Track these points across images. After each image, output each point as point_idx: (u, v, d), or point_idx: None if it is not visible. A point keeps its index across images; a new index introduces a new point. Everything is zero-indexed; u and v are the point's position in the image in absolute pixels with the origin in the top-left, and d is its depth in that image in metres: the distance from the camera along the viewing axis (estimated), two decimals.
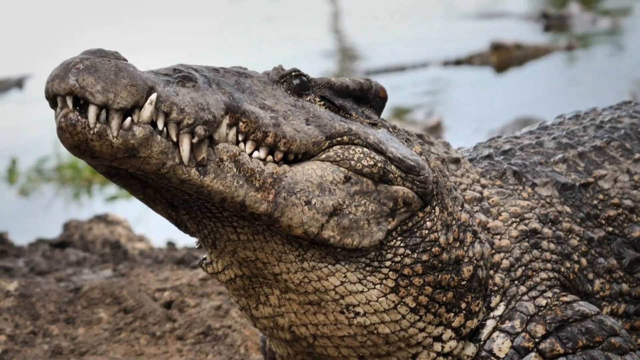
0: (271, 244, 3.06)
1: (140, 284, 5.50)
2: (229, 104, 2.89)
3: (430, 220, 3.21)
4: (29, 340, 4.82)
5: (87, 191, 10.96)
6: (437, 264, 3.19)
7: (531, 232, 3.45)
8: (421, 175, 3.19)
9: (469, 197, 3.43)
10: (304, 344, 3.30)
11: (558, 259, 3.46)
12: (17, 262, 6.24)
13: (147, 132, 2.70)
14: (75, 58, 2.68)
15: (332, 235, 3.03)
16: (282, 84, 3.18)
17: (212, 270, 3.28)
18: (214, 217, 3.02)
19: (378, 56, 16.90)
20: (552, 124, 4.07)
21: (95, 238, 6.91)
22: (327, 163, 3.07)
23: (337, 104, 3.24)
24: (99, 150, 2.66)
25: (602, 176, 3.71)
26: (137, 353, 4.75)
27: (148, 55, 9.35)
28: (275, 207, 2.93)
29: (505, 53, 15.81)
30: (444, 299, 3.22)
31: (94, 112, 2.64)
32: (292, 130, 3.01)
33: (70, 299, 5.20)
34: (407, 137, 3.38)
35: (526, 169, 3.65)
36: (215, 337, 4.80)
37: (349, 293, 3.14)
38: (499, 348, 3.28)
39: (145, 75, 2.72)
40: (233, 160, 2.87)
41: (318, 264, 3.09)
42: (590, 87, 13.26)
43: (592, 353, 3.24)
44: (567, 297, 3.37)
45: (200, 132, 2.78)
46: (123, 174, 2.91)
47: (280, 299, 3.20)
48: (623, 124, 3.96)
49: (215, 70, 3.03)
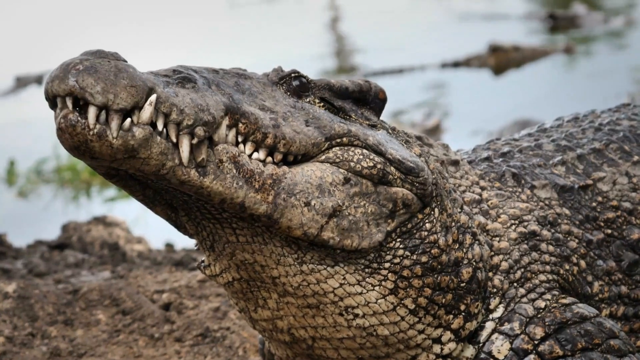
0: (270, 246, 3.05)
1: (138, 285, 5.50)
2: (229, 105, 2.89)
3: (429, 221, 3.21)
4: (28, 342, 4.81)
5: (86, 193, 10.95)
6: (436, 266, 3.19)
7: (530, 234, 3.45)
8: (420, 177, 3.19)
9: (468, 199, 3.43)
10: (303, 346, 3.29)
11: (557, 261, 3.45)
12: (15, 264, 6.24)
13: (147, 133, 2.69)
14: (75, 59, 2.68)
15: (332, 236, 3.02)
16: (282, 85, 3.18)
17: (211, 273, 3.28)
18: (213, 218, 3.02)
19: (376, 58, 16.90)
20: (551, 126, 4.08)
21: (93, 240, 6.91)
22: (327, 164, 3.06)
23: (336, 106, 3.23)
24: (99, 151, 2.66)
25: (601, 178, 3.71)
26: (136, 355, 4.75)
27: (146, 56, 9.35)
28: (275, 208, 2.93)
29: (503, 55, 15.81)
30: (443, 301, 3.21)
31: (93, 113, 2.64)
32: (292, 132, 3.00)
33: (68, 300, 5.19)
34: (406, 139, 3.38)
35: (525, 171, 3.65)
36: (214, 338, 4.80)
37: (348, 295, 3.13)
38: (498, 350, 3.28)
39: (145, 76, 2.72)
40: (233, 161, 2.86)
41: (317, 266, 3.09)
42: (588, 89, 13.26)
43: (591, 355, 3.24)
44: (566, 299, 3.37)
45: (199, 133, 2.78)
46: (122, 175, 2.91)
47: (278, 303, 3.19)
48: (622, 127, 3.97)
49: (215, 72, 3.02)
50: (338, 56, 18.59)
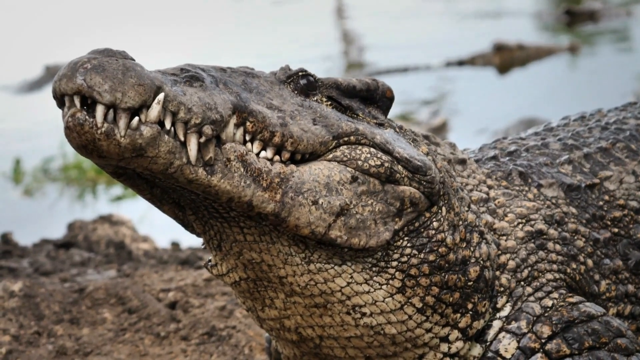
0: (277, 245, 3.05)
1: (144, 284, 5.50)
2: (236, 103, 2.88)
3: (437, 220, 3.20)
4: (34, 341, 4.82)
5: (92, 191, 10.95)
6: (443, 264, 3.19)
7: (537, 233, 3.45)
8: (428, 176, 3.19)
9: (476, 198, 3.43)
10: (310, 345, 3.29)
11: (564, 260, 3.45)
12: (21, 263, 6.26)
13: (155, 131, 2.69)
14: (82, 57, 2.68)
15: (339, 235, 3.02)
16: (289, 84, 3.17)
17: (218, 272, 3.27)
18: (220, 217, 3.02)
19: (381, 57, 16.89)
20: (558, 125, 4.07)
21: (99, 238, 6.92)
22: (334, 163, 3.06)
23: (344, 104, 3.23)
24: (107, 150, 2.66)
25: (608, 177, 3.71)
26: (142, 353, 4.75)
27: (152, 56, 9.34)
28: (283, 207, 2.93)
29: (507, 54, 15.79)
30: (451, 300, 3.21)
31: (101, 112, 2.64)
32: (300, 130, 3.00)
33: (74, 299, 5.20)
34: (413, 138, 3.37)
35: (532, 169, 3.65)
36: (220, 337, 4.80)
37: (356, 294, 3.13)
38: (505, 349, 3.27)
39: (153, 74, 2.72)
40: (240, 160, 2.86)
41: (324, 265, 3.09)
42: (593, 88, 13.24)
43: (599, 354, 3.24)
44: (573, 298, 3.37)
45: (207, 131, 2.78)
46: (130, 174, 2.91)
47: (285, 302, 3.19)
48: (628, 125, 3.96)
49: (222, 70, 3.02)
50: (343, 55, 18.58)
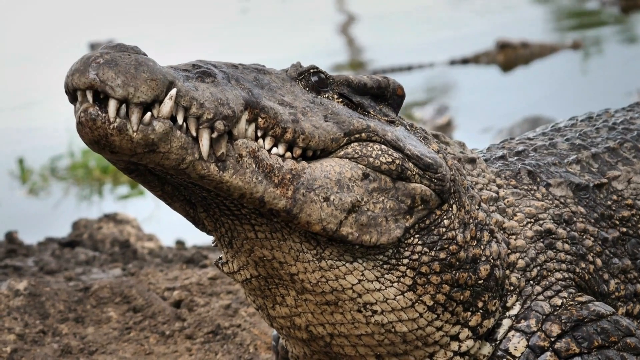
0: (289, 242, 3.05)
1: (149, 283, 5.50)
2: (248, 99, 2.88)
3: (447, 218, 3.20)
4: (39, 340, 4.81)
5: (97, 190, 10.95)
6: (454, 262, 3.18)
7: (546, 232, 3.45)
8: (439, 173, 3.18)
9: (486, 197, 3.43)
10: (321, 343, 3.29)
11: (573, 260, 3.45)
12: (26, 261, 6.25)
13: (167, 127, 2.69)
14: (95, 52, 2.68)
15: (351, 232, 3.02)
16: (301, 80, 3.18)
17: (229, 270, 3.27)
18: (232, 214, 3.01)
19: (385, 56, 16.89)
20: (565, 125, 4.08)
21: (104, 237, 6.92)
22: (346, 160, 3.06)
23: (354, 102, 3.23)
24: (119, 145, 2.65)
25: (616, 177, 3.71)
26: (147, 352, 4.75)
27: (157, 54, 9.34)
28: (294, 203, 2.93)
29: (511, 52, 15.76)
30: (462, 298, 3.21)
31: (114, 107, 2.64)
32: (311, 127, 3.00)
33: (79, 298, 5.19)
34: (424, 135, 3.37)
35: (540, 169, 3.65)
36: (225, 336, 4.80)
37: (367, 291, 3.13)
38: (515, 347, 3.27)
39: (165, 69, 2.72)
40: (252, 156, 2.86)
41: (336, 262, 3.08)
42: (598, 86, 13.22)
43: (608, 353, 3.24)
44: (583, 297, 3.37)
45: (219, 127, 2.78)
46: (142, 170, 2.91)
47: (296, 300, 3.19)
48: (636, 126, 3.97)
49: (234, 67, 3.02)
50: (348, 54, 18.59)
